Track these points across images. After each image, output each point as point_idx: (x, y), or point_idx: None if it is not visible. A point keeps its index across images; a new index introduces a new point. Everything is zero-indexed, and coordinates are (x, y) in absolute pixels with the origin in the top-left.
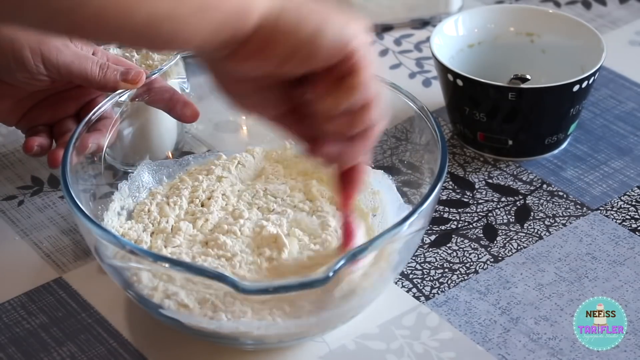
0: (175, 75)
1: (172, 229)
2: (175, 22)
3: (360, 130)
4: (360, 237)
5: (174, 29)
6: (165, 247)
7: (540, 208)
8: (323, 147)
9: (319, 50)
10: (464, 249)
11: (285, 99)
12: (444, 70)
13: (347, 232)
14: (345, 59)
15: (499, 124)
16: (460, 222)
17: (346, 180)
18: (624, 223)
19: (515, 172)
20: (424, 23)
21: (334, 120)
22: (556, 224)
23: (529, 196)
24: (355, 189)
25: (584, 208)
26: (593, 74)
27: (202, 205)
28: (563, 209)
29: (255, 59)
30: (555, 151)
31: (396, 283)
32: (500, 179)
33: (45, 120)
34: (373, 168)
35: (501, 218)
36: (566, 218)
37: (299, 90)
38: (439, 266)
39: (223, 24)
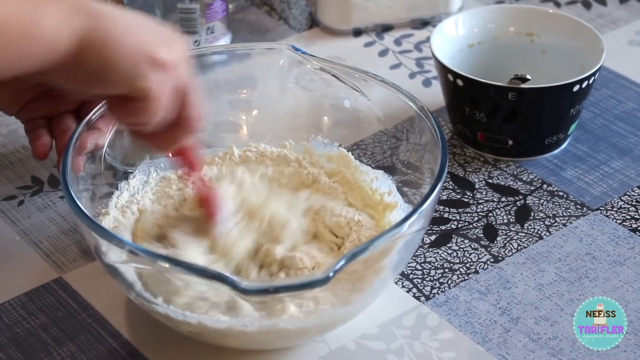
0: None
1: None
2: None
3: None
4: (223, 204)
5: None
6: None
7: (541, 208)
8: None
9: (108, 82)
10: (464, 249)
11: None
12: (444, 70)
13: (208, 203)
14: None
15: (499, 124)
16: (461, 222)
17: (184, 161)
18: (624, 223)
19: (515, 172)
20: (424, 23)
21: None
22: (556, 224)
23: (529, 196)
24: (195, 166)
25: (584, 208)
26: (593, 74)
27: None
28: (563, 209)
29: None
30: (556, 151)
31: (396, 283)
32: (500, 179)
33: (44, 112)
34: (373, 168)
35: (501, 218)
36: (566, 218)
37: None
38: (439, 266)
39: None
